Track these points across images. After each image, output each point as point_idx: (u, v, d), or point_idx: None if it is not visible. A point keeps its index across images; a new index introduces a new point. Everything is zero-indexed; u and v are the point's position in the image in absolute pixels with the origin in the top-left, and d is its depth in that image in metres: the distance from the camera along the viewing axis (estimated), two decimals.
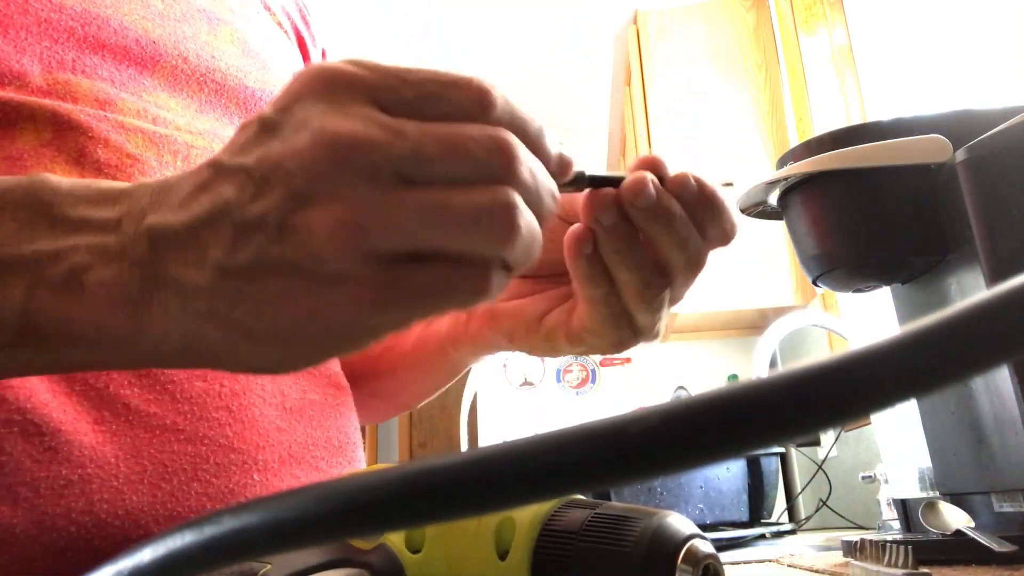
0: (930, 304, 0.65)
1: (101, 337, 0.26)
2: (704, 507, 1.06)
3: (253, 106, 0.54)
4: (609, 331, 0.38)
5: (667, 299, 0.36)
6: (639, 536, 0.31)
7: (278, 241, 0.23)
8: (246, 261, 0.24)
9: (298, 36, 0.68)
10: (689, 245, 0.34)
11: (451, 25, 2.95)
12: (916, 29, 1.51)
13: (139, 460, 0.39)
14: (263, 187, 0.24)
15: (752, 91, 2.10)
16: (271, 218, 0.23)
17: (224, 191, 0.24)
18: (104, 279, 0.26)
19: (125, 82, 0.46)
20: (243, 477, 0.42)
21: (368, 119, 0.23)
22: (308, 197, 0.23)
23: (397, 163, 0.23)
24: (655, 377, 2.93)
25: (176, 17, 0.51)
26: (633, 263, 0.35)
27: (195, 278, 0.24)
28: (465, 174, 0.24)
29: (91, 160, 0.43)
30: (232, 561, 0.17)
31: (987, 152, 0.55)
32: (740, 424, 0.13)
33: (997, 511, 0.57)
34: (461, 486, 0.14)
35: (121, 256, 0.26)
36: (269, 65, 0.57)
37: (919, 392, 0.12)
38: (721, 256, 1.49)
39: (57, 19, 0.45)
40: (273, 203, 0.23)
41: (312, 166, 0.23)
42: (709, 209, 0.34)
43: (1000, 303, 0.12)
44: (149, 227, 0.25)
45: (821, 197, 0.66)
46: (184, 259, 0.25)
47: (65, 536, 0.36)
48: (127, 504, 0.38)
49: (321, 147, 0.23)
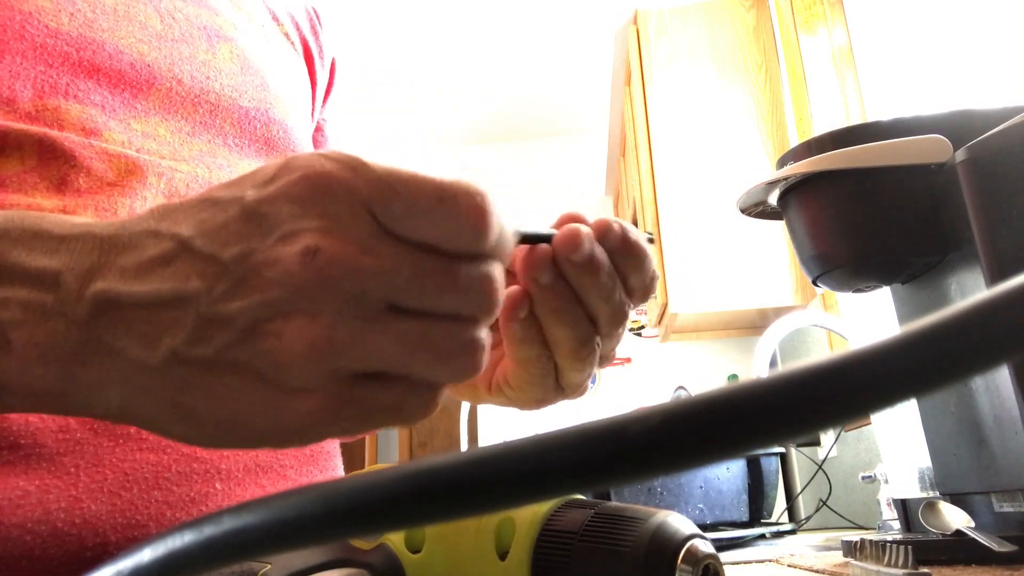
0: (930, 304, 0.65)
1: (27, 391, 0.25)
2: (704, 507, 1.06)
3: (247, 125, 0.54)
4: (535, 389, 0.37)
5: (597, 357, 0.36)
6: (639, 536, 0.31)
7: (244, 344, 0.22)
8: (205, 355, 0.23)
9: (305, 48, 0.68)
10: (614, 296, 0.34)
11: (451, 25, 2.95)
12: (916, 29, 1.51)
13: (100, 469, 0.39)
14: (238, 287, 0.23)
15: (752, 91, 2.10)
16: (241, 320, 0.22)
17: (192, 277, 0.23)
18: (36, 338, 0.24)
19: (116, 107, 0.46)
20: (205, 486, 0.42)
21: (363, 244, 0.23)
22: (285, 309, 0.22)
23: (387, 292, 0.23)
24: (655, 377, 2.93)
25: (174, 37, 0.52)
26: (571, 320, 0.34)
27: (143, 355, 0.23)
28: (450, 310, 0.24)
29: (72, 188, 0.43)
30: (232, 561, 0.17)
31: (987, 152, 0.55)
32: (740, 424, 0.13)
33: (997, 511, 0.57)
34: (461, 486, 0.14)
35: (58, 315, 0.24)
36: (268, 82, 0.57)
37: (919, 392, 0.12)
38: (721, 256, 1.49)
39: (53, 44, 0.45)
40: (247, 306, 0.22)
41: (298, 283, 0.22)
42: (632, 257, 0.34)
43: (1000, 303, 0.12)
44: (97, 293, 0.24)
45: (821, 197, 0.66)
46: (133, 333, 0.24)
47: (20, 546, 0.36)
48: (85, 513, 0.38)
49: (312, 268, 0.22)
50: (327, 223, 0.23)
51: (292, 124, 0.58)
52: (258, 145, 0.55)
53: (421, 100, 3.43)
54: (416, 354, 0.23)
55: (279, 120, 0.57)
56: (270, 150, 0.56)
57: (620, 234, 0.33)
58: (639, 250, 0.34)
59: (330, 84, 0.73)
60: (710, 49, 2.16)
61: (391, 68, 3.19)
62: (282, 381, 0.23)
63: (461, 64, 3.20)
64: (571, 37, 3.06)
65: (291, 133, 0.58)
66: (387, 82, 3.27)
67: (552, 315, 0.34)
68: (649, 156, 2.11)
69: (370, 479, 0.15)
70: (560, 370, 0.36)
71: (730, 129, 2.07)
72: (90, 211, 0.43)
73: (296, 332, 0.22)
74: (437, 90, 3.37)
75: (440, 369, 0.24)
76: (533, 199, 3.63)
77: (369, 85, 3.27)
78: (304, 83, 0.66)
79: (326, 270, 0.22)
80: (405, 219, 0.23)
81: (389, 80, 3.26)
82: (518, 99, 3.49)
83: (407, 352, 0.23)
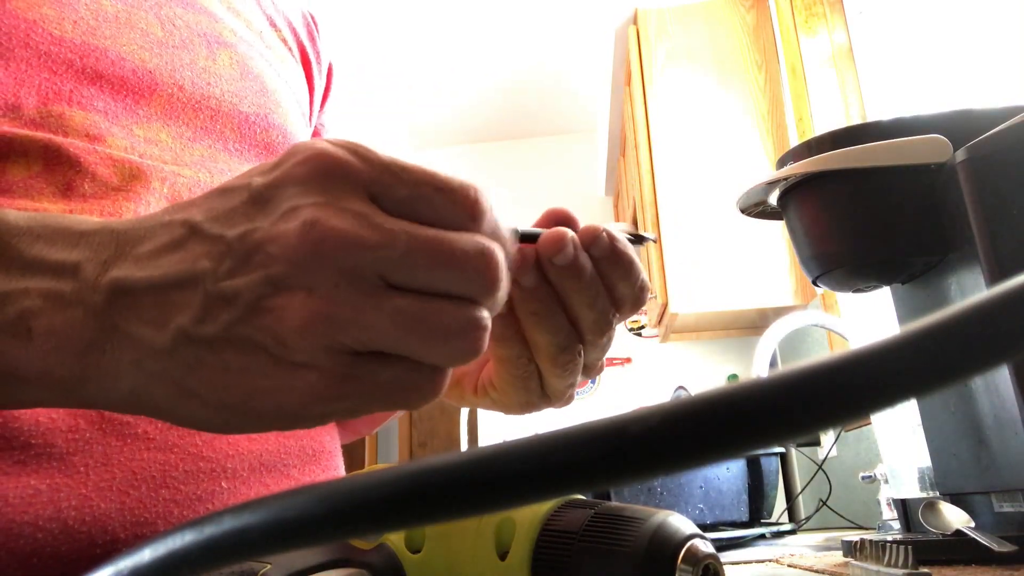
0: (930, 304, 0.65)
1: (44, 381, 0.26)
2: (704, 507, 1.06)
3: (247, 130, 0.54)
4: (518, 392, 0.37)
5: (580, 365, 0.35)
6: (639, 536, 0.31)
7: (248, 320, 0.23)
8: (211, 333, 0.24)
9: (303, 54, 0.69)
10: (597, 303, 0.33)
11: (452, 26, 2.95)
12: (916, 29, 1.51)
13: (109, 468, 0.40)
14: (243, 264, 0.23)
15: (752, 91, 2.10)
16: (245, 297, 0.23)
17: (200, 257, 0.24)
18: (54, 326, 0.25)
19: (119, 113, 0.47)
20: (211, 484, 0.43)
21: (360, 218, 0.23)
22: (286, 284, 0.23)
23: (383, 266, 0.23)
24: (655, 377, 2.93)
25: (175, 44, 0.52)
26: (551, 325, 0.33)
27: (154, 338, 0.24)
28: (447, 287, 0.24)
29: (78, 193, 0.43)
30: (232, 561, 0.17)
31: (987, 152, 0.55)
32: (740, 424, 0.13)
33: (997, 511, 0.57)
34: (461, 486, 0.14)
35: (77, 303, 0.25)
36: (267, 88, 0.58)
37: (919, 392, 0.12)
38: (721, 256, 1.50)
39: (57, 51, 0.45)
40: (250, 282, 0.23)
41: (297, 256, 0.23)
42: (619, 266, 0.33)
43: (1000, 303, 0.12)
44: (113, 280, 0.25)
45: (821, 197, 0.66)
46: (146, 317, 0.24)
47: (32, 543, 0.37)
48: (95, 511, 0.39)
49: (309, 240, 0.23)
50: (326, 199, 0.23)
51: (291, 129, 0.59)
52: (258, 149, 0.55)
53: (420, 102, 3.43)
54: (413, 332, 0.23)
55: (278, 125, 0.57)
56: (269, 155, 0.56)
57: (607, 242, 0.33)
58: (626, 259, 0.33)
59: (327, 89, 0.73)
60: (710, 49, 2.16)
61: (389, 71, 3.19)
62: (284, 356, 0.23)
63: (461, 64, 3.20)
64: (571, 37, 3.06)
65: (290, 138, 0.58)
66: (385, 85, 3.27)
67: (532, 318, 0.34)
68: (649, 156, 2.11)
69: (370, 479, 0.15)
70: (542, 375, 0.36)
71: (730, 129, 2.07)
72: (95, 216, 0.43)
73: (296, 306, 0.23)
74: (436, 91, 3.37)
75: (438, 349, 0.24)
76: (533, 199, 3.63)
77: (367, 88, 3.27)
78: (302, 88, 0.67)
79: (322, 242, 0.23)
80: (404, 203, 0.24)
81: (387, 83, 3.26)
82: (518, 99, 3.49)
83: (404, 330, 0.23)
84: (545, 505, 0.35)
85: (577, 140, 3.81)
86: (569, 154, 3.80)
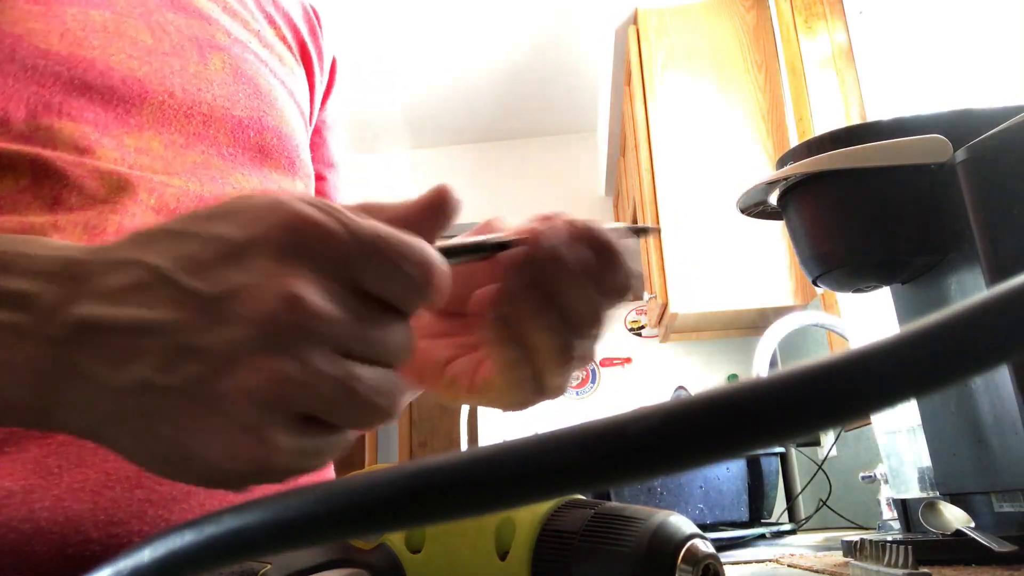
0: (930, 304, 0.65)
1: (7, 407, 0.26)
2: (704, 507, 1.06)
3: (241, 134, 0.54)
4: (515, 391, 0.37)
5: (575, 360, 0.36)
6: (639, 536, 0.31)
7: (212, 377, 0.23)
8: (171, 383, 0.24)
9: (303, 51, 0.68)
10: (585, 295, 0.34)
11: (452, 25, 2.95)
12: (916, 29, 1.51)
13: (83, 469, 0.40)
14: (216, 322, 0.24)
15: (752, 91, 2.10)
16: (215, 354, 0.23)
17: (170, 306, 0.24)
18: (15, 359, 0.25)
19: (109, 123, 0.47)
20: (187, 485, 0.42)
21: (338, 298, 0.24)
22: (257, 348, 0.23)
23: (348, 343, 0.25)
24: (655, 377, 2.93)
25: (165, 50, 0.52)
26: (546, 323, 0.34)
27: (111, 381, 0.24)
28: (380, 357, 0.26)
29: (64, 206, 0.44)
30: (232, 561, 0.17)
31: (987, 152, 0.55)
32: (740, 424, 0.13)
33: (997, 511, 0.57)
34: (461, 486, 0.14)
35: (33, 336, 0.25)
36: (261, 90, 0.57)
37: (919, 392, 0.12)
38: (721, 256, 1.49)
39: (44, 65, 0.45)
40: (222, 341, 0.24)
41: (272, 323, 0.23)
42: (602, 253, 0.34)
43: (1000, 303, 0.12)
44: (78, 318, 0.25)
45: (821, 197, 0.66)
46: (106, 358, 0.24)
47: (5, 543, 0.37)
48: (67, 512, 0.39)
49: (290, 314, 0.23)
50: (312, 274, 0.24)
51: (286, 131, 0.58)
52: (252, 153, 0.55)
53: (419, 101, 3.43)
54: (351, 397, 0.25)
55: (273, 127, 0.57)
56: (264, 158, 0.56)
57: (584, 231, 0.33)
58: (609, 246, 0.34)
59: (330, 85, 0.73)
60: (710, 49, 2.16)
61: (387, 70, 3.19)
62: (243, 417, 0.24)
63: (461, 63, 3.20)
64: (571, 37, 3.06)
65: (285, 140, 0.58)
66: (382, 85, 3.27)
67: (527, 319, 0.34)
68: (649, 156, 2.11)
69: (370, 479, 0.15)
70: (540, 372, 0.36)
71: (730, 129, 2.07)
72: (80, 228, 0.44)
73: (262, 370, 0.23)
74: (436, 90, 3.37)
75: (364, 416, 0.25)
76: (533, 199, 3.62)
77: (365, 87, 3.27)
78: (301, 88, 0.66)
79: (305, 319, 0.24)
80: (377, 280, 0.25)
81: (384, 83, 3.26)
82: (518, 99, 3.49)
83: (344, 395, 0.25)
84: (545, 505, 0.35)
85: (577, 140, 3.81)
86: (569, 154, 3.80)
